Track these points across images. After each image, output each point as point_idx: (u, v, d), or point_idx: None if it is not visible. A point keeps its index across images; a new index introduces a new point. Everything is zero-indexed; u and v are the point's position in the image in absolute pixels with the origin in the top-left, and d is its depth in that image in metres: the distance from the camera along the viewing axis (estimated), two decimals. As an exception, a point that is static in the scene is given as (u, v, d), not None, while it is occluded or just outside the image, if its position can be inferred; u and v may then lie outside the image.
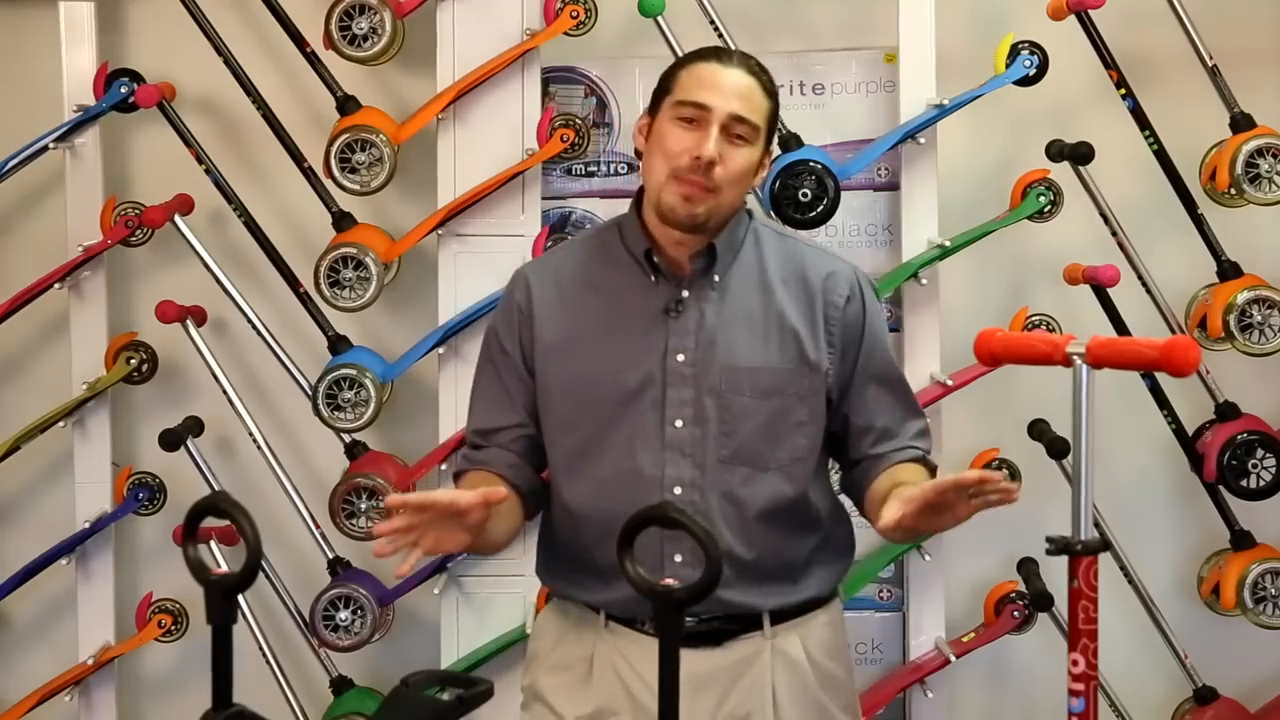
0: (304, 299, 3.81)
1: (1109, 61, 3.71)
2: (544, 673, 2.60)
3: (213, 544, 3.64)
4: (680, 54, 3.59)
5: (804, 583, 2.54)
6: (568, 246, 2.65)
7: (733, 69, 2.44)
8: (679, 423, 2.46)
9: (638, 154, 2.54)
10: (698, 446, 2.45)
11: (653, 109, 2.50)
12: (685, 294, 2.48)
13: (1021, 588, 3.77)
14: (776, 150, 3.41)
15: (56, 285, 3.80)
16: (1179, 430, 3.81)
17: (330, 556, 3.80)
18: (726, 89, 2.42)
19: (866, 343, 2.54)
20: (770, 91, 2.48)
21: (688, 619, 2.42)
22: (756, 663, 2.51)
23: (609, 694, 2.51)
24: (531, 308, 2.54)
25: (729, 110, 2.41)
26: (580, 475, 2.50)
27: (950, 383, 3.63)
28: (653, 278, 2.49)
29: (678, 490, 2.44)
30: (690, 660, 2.43)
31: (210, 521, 1.66)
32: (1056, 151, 3.73)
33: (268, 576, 3.79)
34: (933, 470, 2.58)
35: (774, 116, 2.49)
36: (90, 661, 3.82)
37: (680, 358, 2.46)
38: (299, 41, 3.78)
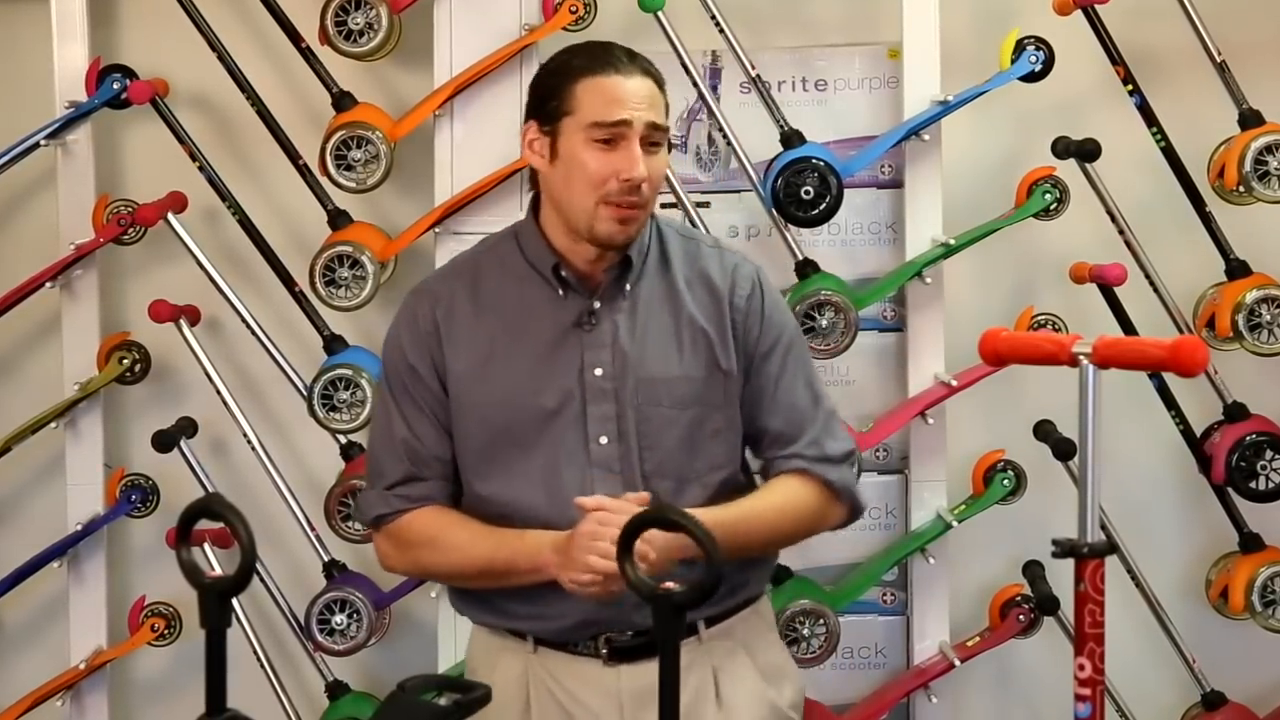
0: (299, 298, 3.78)
1: (1116, 57, 3.68)
2: (489, 712, 2.51)
3: (206, 547, 3.60)
4: (680, 51, 3.59)
5: (737, 588, 2.50)
6: (465, 260, 2.57)
7: (634, 77, 2.38)
8: (603, 439, 2.41)
9: (533, 172, 2.47)
10: (624, 462, 2.41)
11: (543, 121, 2.41)
12: (597, 305, 2.43)
13: (1027, 591, 3.74)
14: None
15: (48, 284, 3.77)
16: (1187, 431, 3.78)
17: (326, 559, 3.77)
18: (636, 100, 2.37)
19: (765, 339, 2.48)
20: (662, 84, 2.44)
21: (619, 635, 2.42)
22: (695, 671, 2.45)
23: None
24: (438, 327, 2.47)
25: (646, 121, 2.36)
26: (499, 502, 2.43)
27: (955, 383, 3.60)
28: (560, 291, 2.44)
29: None
30: (628, 675, 2.43)
31: (204, 524, 1.66)
32: (1062, 148, 3.70)
33: (262, 580, 3.76)
34: (825, 484, 2.49)
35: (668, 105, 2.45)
36: (82, 666, 3.79)
37: (598, 372, 2.41)
38: (294, 37, 3.75)
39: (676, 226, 2.56)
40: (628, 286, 2.44)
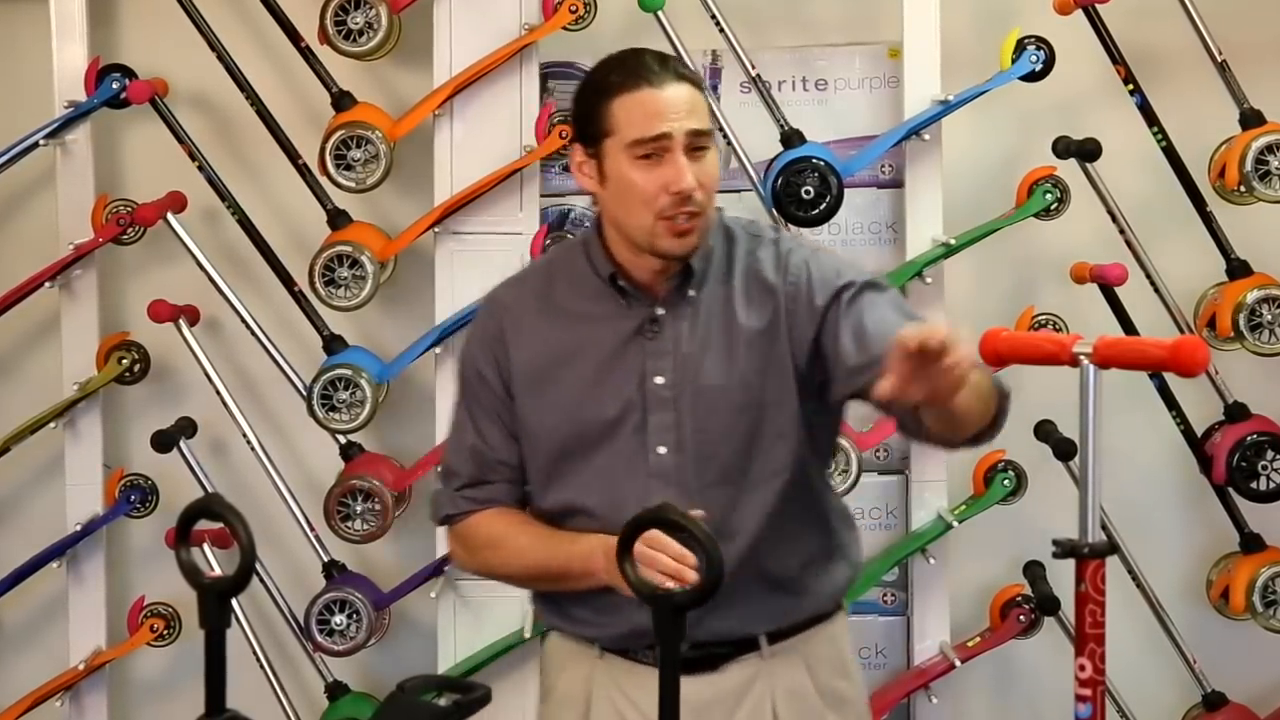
0: (299, 298, 3.77)
1: (1116, 57, 3.67)
2: (552, 709, 2.53)
3: (206, 547, 3.59)
4: (681, 50, 3.59)
5: (802, 599, 2.45)
6: (537, 268, 2.56)
7: (669, 85, 2.32)
8: (662, 449, 2.38)
9: (592, 195, 2.44)
10: (682, 472, 2.37)
11: (587, 145, 2.37)
12: (660, 312, 2.39)
13: (1027, 591, 3.74)
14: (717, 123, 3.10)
15: (47, 284, 3.77)
16: (1188, 431, 3.77)
17: (325, 560, 3.77)
18: (674, 109, 2.31)
19: (845, 292, 2.34)
20: (699, 84, 2.38)
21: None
22: (754, 688, 2.43)
23: None
24: (505, 335, 2.45)
25: (686, 130, 2.31)
26: (563, 513, 2.43)
27: (955, 383, 3.58)
28: (624, 300, 2.41)
29: None
30: (688, 688, 2.36)
31: (203, 524, 1.64)
32: (1063, 148, 3.69)
33: (262, 580, 3.75)
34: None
35: (707, 101, 2.41)
36: (81, 666, 3.78)
37: (659, 380, 2.38)
38: (293, 36, 3.75)
39: (744, 224, 2.49)
40: (691, 293, 2.39)
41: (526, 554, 2.44)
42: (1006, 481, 3.71)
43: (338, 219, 3.73)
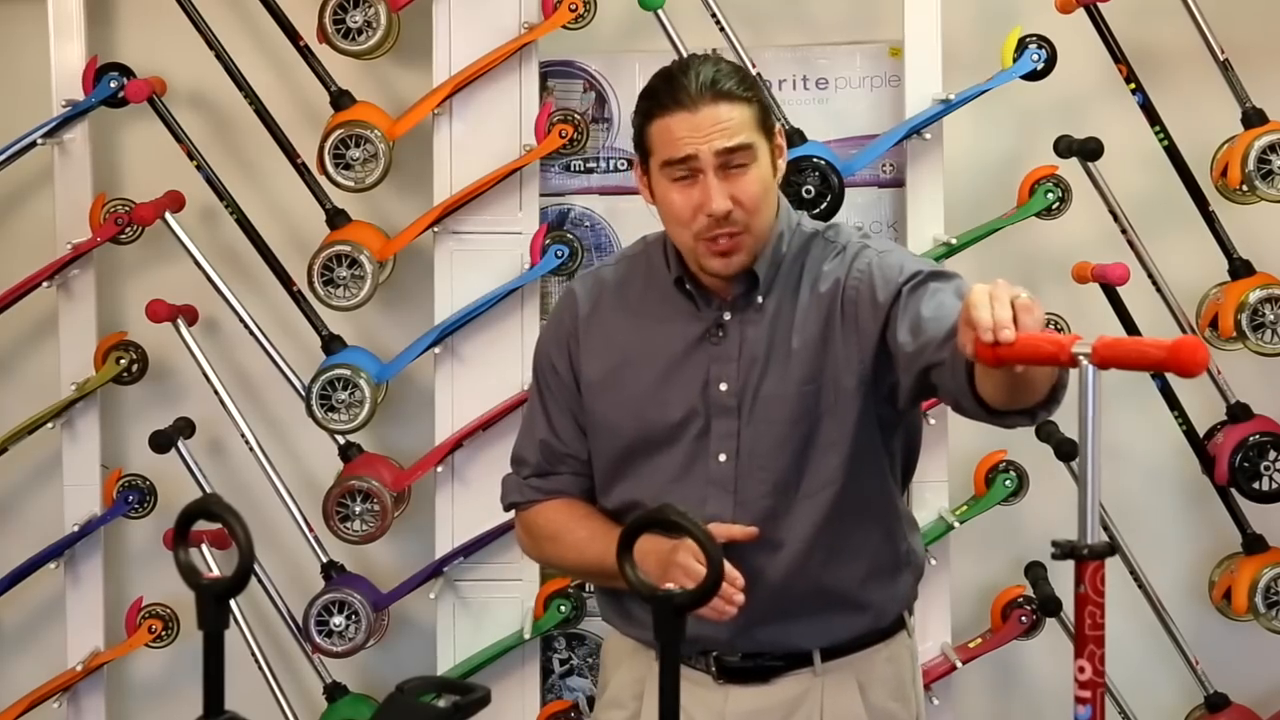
0: (297, 298, 3.76)
1: (1118, 55, 3.66)
2: (602, 709, 2.55)
3: (204, 548, 3.59)
4: (680, 49, 3.58)
5: (862, 614, 2.44)
6: (621, 259, 2.54)
7: (702, 107, 2.29)
8: (722, 457, 2.38)
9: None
10: (740, 481, 2.37)
11: (641, 162, 2.39)
12: (727, 317, 2.39)
13: (1029, 592, 3.73)
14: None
15: (45, 284, 3.76)
16: (1190, 431, 3.76)
17: (324, 560, 3.76)
18: (700, 132, 2.29)
19: (907, 284, 2.29)
20: (743, 94, 2.33)
21: (730, 657, 2.41)
22: (804, 704, 2.42)
23: None
24: (577, 330, 2.46)
25: (714, 150, 2.28)
26: (623, 513, 2.44)
27: (957, 383, 3.57)
28: (692, 303, 2.40)
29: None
30: (736, 697, 2.42)
31: (202, 525, 1.64)
32: (1065, 147, 3.68)
33: (260, 581, 3.74)
34: None
35: (761, 109, 2.35)
36: (79, 668, 3.78)
37: (723, 387, 2.37)
38: (292, 35, 3.74)
39: (823, 229, 2.45)
40: (759, 299, 2.38)
41: (584, 549, 2.45)
42: (1008, 482, 3.70)
43: (336, 218, 3.72)
